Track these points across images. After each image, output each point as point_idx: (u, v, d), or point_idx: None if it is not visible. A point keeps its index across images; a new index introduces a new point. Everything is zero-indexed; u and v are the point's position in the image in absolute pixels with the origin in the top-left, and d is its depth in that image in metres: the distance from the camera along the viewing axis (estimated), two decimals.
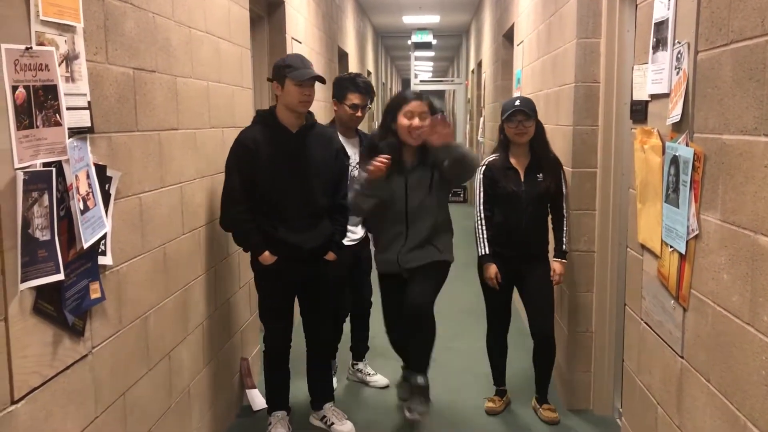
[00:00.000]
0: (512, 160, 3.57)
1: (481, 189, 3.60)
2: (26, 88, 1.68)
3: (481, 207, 3.58)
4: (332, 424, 3.55)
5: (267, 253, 3.19)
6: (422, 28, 13.22)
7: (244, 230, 3.20)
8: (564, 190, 3.62)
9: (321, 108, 6.33)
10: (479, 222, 3.58)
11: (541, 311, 3.60)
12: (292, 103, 3.18)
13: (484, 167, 3.63)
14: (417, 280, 3.29)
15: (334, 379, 4.16)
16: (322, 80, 3.22)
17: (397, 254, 3.31)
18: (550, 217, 3.67)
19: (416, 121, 3.15)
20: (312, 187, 3.26)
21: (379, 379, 4.20)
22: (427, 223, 3.30)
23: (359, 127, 4.06)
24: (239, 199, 3.14)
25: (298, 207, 3.23)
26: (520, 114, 3.50)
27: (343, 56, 8.70)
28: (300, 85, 3.15)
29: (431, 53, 19.05)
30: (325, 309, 3.53)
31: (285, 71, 3.17)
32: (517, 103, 3.53)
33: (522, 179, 3.54)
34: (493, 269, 3.53)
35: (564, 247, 3.60)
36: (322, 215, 3.33)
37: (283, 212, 3.21)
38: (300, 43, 5.51)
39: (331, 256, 3.38)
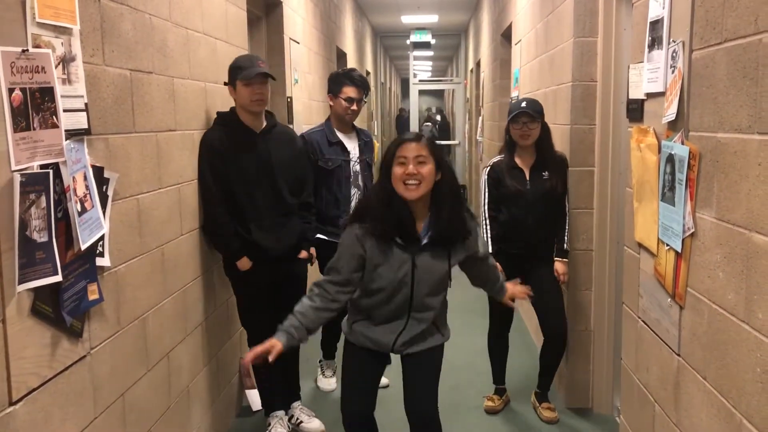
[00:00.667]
0: (517, 160, 3.57)
1: (486, 190, 3.61)
2: (23, 90, 1.68)
3: (486, 207, 3.59)
4: (300, 422, 3.55)
5: (245, 258, 3.21)
6: (421, 28, 13.20)
7: (226, 234, 3.19)
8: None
9: (320, 107, 6.34)
10: (484, 222, 3.58)
11: (554, 310, 3.60)
12: (245, 104, 3.17)
13: (489, 168, 3.64)
14: (416, 374, 2.67)
15: (333, 380, 4.17)
16: (271, 77, 3.21)
17: (393, 342, 2.61)
18: None
19: (411, 168, 2.41)
20: (280, 187, 3.28)
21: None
22: (433, 309, 2.62)
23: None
24: (217, 201, 3.13)
25: (268, 207, 3.25)
26: (525, 116, 3.49)
27: (341, 56, 8.70)
28: (249, 85, 3.13)
29: (430, 53, 19.04)
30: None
31: (235, 73, 3.16)
32: (523, 104, 3.52)
33: (527, 178, 3.54)
34: (497, 267, 3.53)
35: (565, 246, 3.60)
36: (291, 214, 3.36)
37: (254, 213, 3.22)
38: (298, 43, 5.51)
39: (303, 254, 3.45)
